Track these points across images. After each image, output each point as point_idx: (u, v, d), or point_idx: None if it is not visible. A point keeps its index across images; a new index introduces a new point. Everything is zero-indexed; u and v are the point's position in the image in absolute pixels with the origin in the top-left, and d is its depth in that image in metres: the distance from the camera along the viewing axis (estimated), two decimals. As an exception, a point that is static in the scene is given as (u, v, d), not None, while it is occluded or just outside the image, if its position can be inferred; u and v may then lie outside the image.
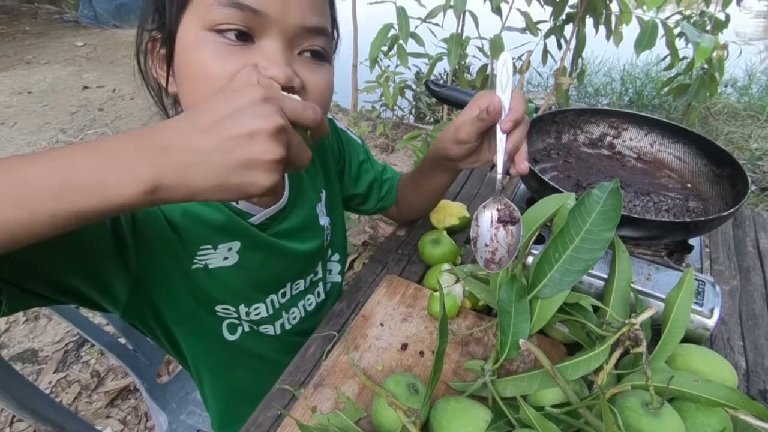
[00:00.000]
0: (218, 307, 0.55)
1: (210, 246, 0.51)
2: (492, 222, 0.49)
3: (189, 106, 0.44)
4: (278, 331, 0.63)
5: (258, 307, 0.59)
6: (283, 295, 0.62)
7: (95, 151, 0.28)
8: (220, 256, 0.52)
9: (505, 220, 0.49)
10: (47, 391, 1.26)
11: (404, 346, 0.56)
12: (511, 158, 0.50)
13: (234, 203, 0.51)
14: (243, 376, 0.63)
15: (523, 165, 0.49)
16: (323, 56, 0.45)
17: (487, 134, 0.54)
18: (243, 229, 0.53)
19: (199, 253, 0.50)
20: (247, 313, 0.58)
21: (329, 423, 0.47)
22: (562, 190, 0.55)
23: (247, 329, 0.60)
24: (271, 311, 0.61)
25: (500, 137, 0.48)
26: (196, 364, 0.63)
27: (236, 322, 0.59)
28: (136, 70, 0.46)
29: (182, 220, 0.48)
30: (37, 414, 0.60)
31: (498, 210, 0.49)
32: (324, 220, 0.64)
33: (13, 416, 1.17)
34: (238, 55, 0.39)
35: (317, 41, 0.43)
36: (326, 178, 0.65)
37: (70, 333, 1.43)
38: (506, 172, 0.50)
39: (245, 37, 0.40)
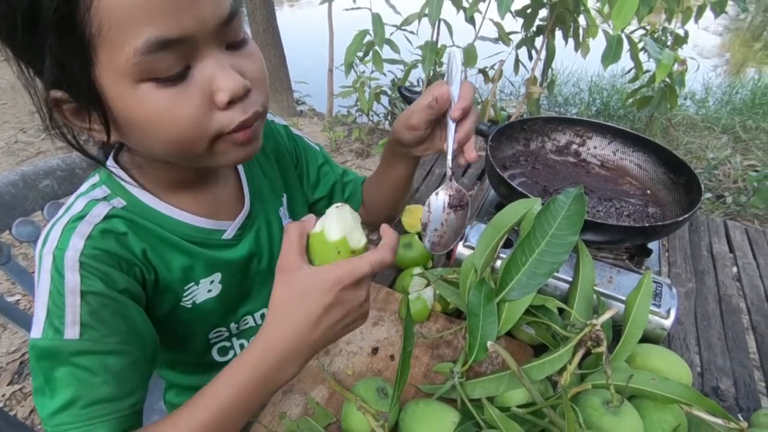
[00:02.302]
0: (210, 334, 0.57)
1: (193, 283, 0.51)
2: (444, 208, 0.52)
3: (154, 151, 0.41)
4: None
5: (246, 320, 0.60)
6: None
7: (269, 383, 0.39)
8: (204, 289, 0.53)
9: (455, 205, 0.52)
10: (0, 404, 1.19)
11: (375, 350, 0.56)
12: (461, 147, 0.51)
13: (201, 225, 0.51)
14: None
15: (472, 154, 0.51)
16: (244, 38, 0.42)
17: (439, 124, 0.55)
18: (219, 260, 0.53)
19: (184, 294, 0.51)
20: (237, 328, 0.60)
21: (298, 429, 0.47)
22: (530, 195, 0.56)
23: (238, 351, 0.61)
24: (259, 321, 0.61)
25: (450, 125, 0.50)
26: (167, 376, 0.62)
27: (227, 344, 0.60)
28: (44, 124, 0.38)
29: (162, 276, 0.49)
30: (-13, 428, 0.57)
31: (450, 196, 0.52)
32: (286, 222, 0.64)
33: (-38, 432, 1.11)
34: (189, 90, 0.37)
35: (235, 28, 0.39)
36: (286, 182, 0.65)
37: (26, 343, 1.36)
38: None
39: (185, 69, 0.37)
